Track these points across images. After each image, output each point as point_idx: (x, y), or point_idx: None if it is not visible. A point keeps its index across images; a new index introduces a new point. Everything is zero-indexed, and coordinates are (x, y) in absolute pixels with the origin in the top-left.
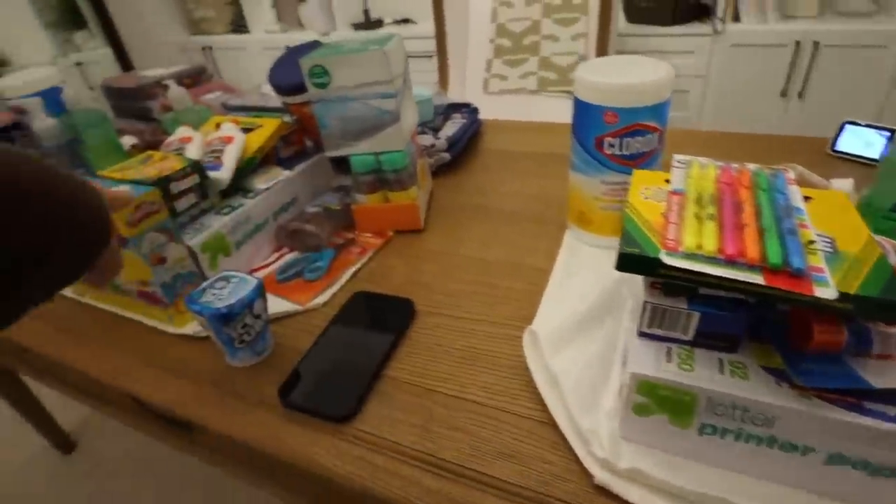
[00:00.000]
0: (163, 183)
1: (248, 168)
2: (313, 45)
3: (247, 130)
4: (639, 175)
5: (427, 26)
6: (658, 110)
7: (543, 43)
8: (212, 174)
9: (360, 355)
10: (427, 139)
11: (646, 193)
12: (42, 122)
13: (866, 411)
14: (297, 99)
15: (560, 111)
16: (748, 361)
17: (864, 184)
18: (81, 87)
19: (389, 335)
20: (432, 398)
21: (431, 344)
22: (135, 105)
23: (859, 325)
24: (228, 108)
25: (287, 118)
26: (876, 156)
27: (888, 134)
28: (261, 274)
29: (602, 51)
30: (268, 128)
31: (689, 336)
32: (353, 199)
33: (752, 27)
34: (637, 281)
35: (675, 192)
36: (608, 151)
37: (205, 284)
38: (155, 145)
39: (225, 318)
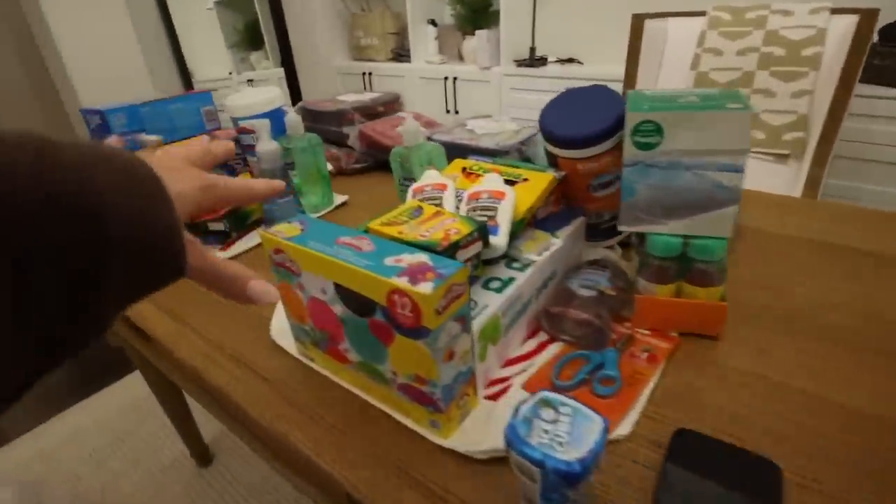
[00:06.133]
0: (450, 251)
1: (515, 232)
2: (599, 89)
3: (508, 183)
4: None
5: (593, 68)
6: None
7: (754, 97)
8: (491, 240)
9: None
10: None
11: None
12: (266, 145)
13: None
14: (576, 154)
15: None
16: None
17: None
18: None
19: None
20: None
21: None
22: (329, 129)
23: None
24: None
25: (555, 173)
26: None
27: None
28: (517, 369)
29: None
30: (538, 183)
31: None
32: (637, 285)
33: None
34: None
35: None
36: None
37: (524, 410)
38: (348, 173)
39: (573, 479)
